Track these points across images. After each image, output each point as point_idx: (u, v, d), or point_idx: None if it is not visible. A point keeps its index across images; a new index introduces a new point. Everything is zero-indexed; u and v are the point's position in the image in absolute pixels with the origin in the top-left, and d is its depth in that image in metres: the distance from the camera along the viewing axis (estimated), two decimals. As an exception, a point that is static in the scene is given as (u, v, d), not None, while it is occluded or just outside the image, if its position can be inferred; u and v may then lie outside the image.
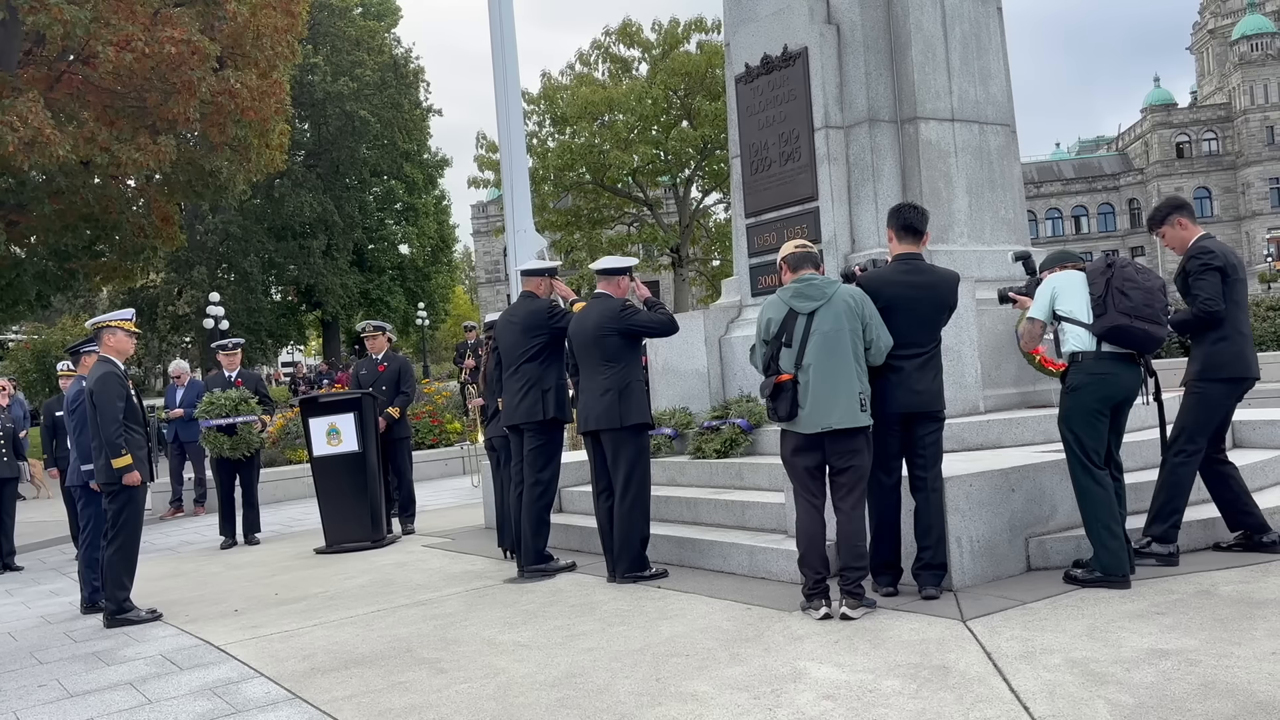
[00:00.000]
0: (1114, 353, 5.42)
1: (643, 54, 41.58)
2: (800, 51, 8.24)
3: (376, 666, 5.16)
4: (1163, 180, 73.91)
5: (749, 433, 7.80)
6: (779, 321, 5.36)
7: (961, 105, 8.32)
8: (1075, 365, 5.51)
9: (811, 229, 8.10)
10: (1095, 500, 5.38)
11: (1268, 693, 3.72)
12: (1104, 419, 5.47)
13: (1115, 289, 5.35)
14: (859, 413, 5.24)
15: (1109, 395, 5.46)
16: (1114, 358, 5.43)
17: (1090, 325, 5.43)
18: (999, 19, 8.74)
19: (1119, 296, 5.33)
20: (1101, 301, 5.38)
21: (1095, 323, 5.41)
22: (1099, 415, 5.45)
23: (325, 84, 39.76)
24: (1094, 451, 5.43)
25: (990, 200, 8.41)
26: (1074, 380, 5.50)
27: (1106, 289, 5.38)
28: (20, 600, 8.69)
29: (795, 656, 4.65)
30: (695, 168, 41.95)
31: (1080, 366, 5.47)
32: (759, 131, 8.68)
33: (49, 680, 5.65)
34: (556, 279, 7.60)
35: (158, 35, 19.53)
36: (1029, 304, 5.93)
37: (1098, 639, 4.52)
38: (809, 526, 5.34)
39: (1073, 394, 5.49)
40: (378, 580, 7.64)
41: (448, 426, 16.90)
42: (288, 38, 23.78)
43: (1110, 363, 5.43)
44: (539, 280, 7.37)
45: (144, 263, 28.61)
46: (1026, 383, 7.80)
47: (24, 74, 20.59)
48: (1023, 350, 7.01)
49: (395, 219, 48.01)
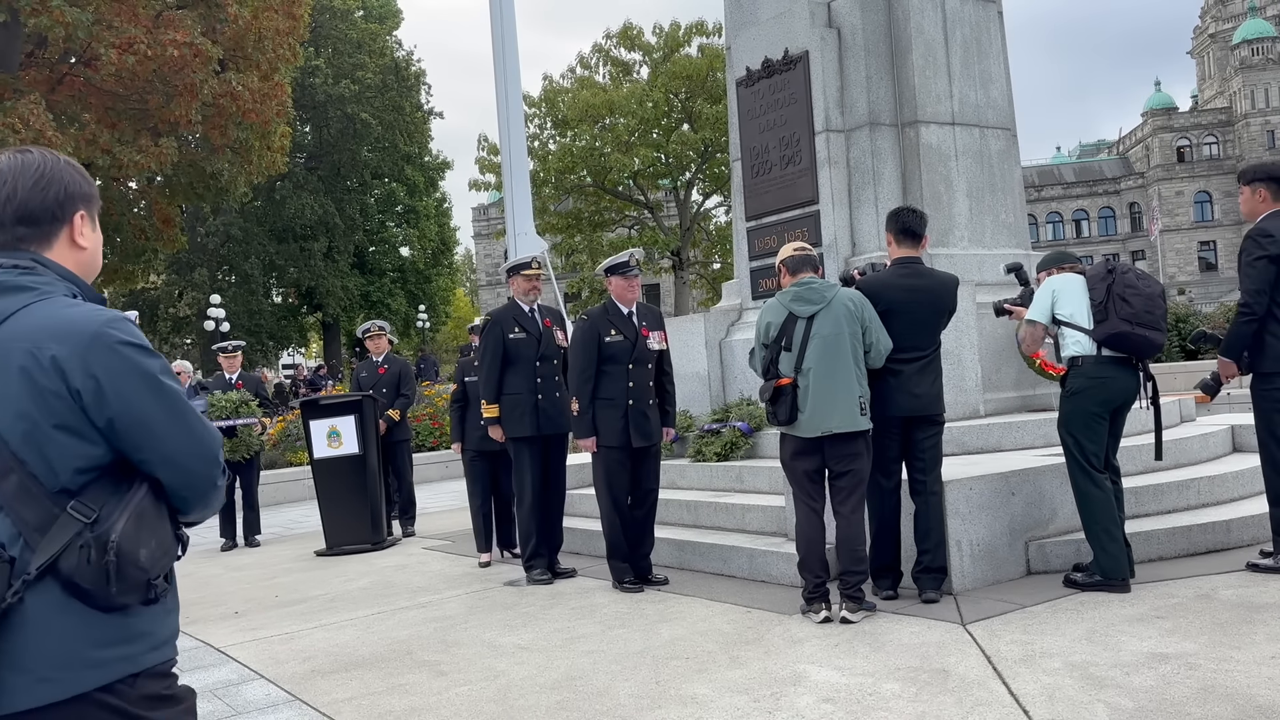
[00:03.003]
0: (1113, 357, 5.43)
1: (643, 57, 41.61)
2: (801, 55, 8.25)
3: (377, 669, 5.16)
4: (1163, 184, 73.91)
5: (749, 436, 7.80)
6: (779, 325, 5.36)
7: (962, 109, 8.33)
8: (1075, 369, 5.51)
9: (812, 232, 8.11)
10: (1095, 504, 5.38)
11: (1267, 697, 3.72)
12: (1103, 423, 5.47)
13: (1117, 295, 5.35)
14: (859, 416, 5.25)
15: (1108, 399, 5.46)
16: (1113, 362, 5.43)
17: (1091, 331, 5.43)
18: (999, 23, 8.76)
19: (1120, 303, 5.32)
20: (1103, 308, 5.38)
21: (1096, 328, 5.41)
22: (1098, 419, 5.45)
23: (326, 86, 39.82)
24: (1094, 455, 5.43)
25: (991, 204, 8.42)
26: (1074, 384, 5.51)
27: (1108, 295, 5.37)
28: None
29: (795, 660, 4.65)
30: (696, 171, 41.97)
31: (1080, 370, 5.48)
32: (760, 135, 8.69)
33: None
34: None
35: (159, 38, 19.56)
36: (1024, 314, 5.90)
37: (1097, 642, 4.52)
38: (809, 530, 5.34)
39: (1072, 398, 5.50)
40: (378, 582, 7.64)
41: (447, 429, 16.89)
42: (289, 40, 23.82)
43: (1110, 367, 5.43)
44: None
45: (145, 264, 28.66)
46: (1026, 386, 7.81)
47: (25, 76, 20.62)
48: (1024, 354, 7.01)
49: (396, 221, 48.06)
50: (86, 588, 1.76)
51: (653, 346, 6.56)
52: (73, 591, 1.77)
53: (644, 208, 44.50)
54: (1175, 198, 73.26)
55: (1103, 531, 5.35)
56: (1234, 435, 7.80)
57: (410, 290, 47.58)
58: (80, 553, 1.75)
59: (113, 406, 1.80)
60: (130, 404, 1.81)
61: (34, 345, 1.78)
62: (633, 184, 42.29)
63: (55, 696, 1.75)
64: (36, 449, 1.77)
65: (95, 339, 1.81)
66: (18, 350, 1.78)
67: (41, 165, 1.96)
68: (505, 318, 7.13)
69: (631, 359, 6.46)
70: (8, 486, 1.75)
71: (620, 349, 6.48)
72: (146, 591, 1.82)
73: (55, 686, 1.75)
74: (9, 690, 1.73)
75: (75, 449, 1.79)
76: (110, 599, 1.78)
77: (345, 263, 42.95)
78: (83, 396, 1.78)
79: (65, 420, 1.78)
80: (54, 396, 1.77)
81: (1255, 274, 5.50)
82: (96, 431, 1.81)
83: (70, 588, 1.77)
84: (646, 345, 6.51)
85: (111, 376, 1.80)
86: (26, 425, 1.77)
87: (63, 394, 1.78)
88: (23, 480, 1.76)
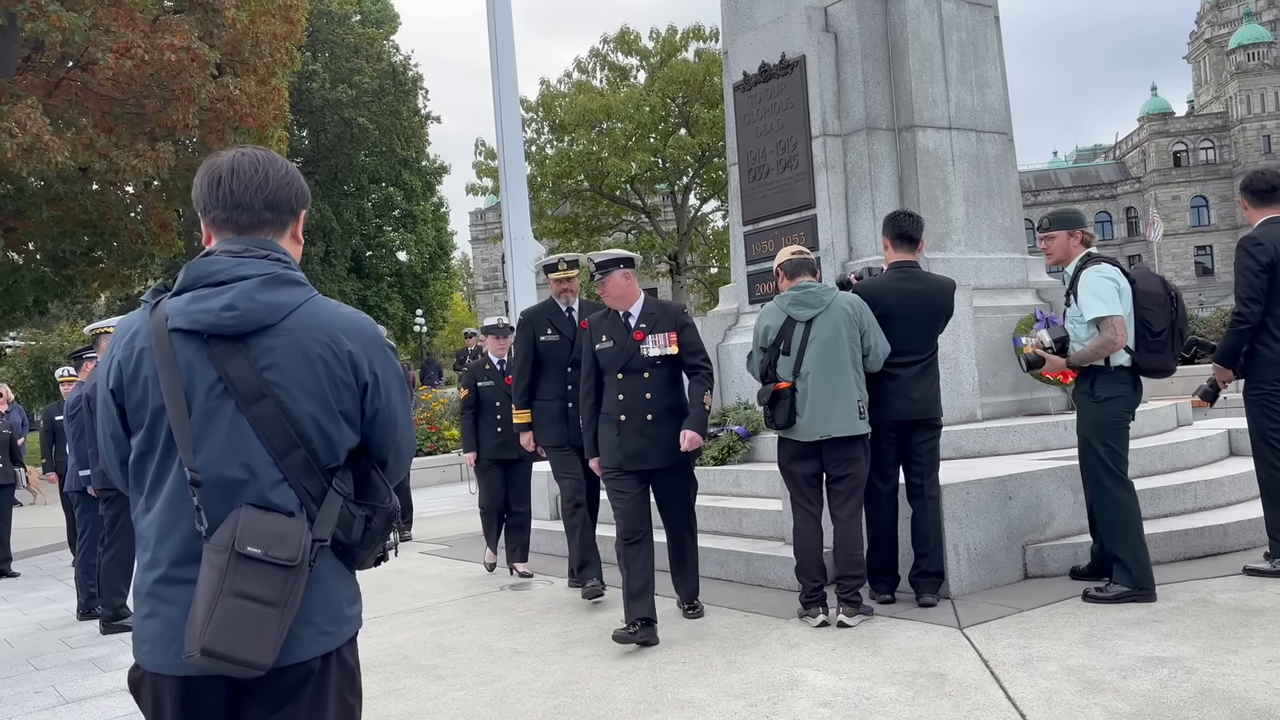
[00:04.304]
0: (1133, 366, 5.37)
1: (641, 62, 41.63)
2: (798, 60, 8.26)
3: (373, 673, 5.15)
4: (1160, 189, 74.02)
5: (746, 440, 7.80)
6: (777, 329, 5.36)
7: (959, 113, 8.34)
8: (1106, 375, 5.29)
9: (809, 236, 8.11)
10: (1127, 511, 5.22)
11: (1264, 701, 3.72)
12: (1129, 427, 5.40)
13: (1179, 333, 5.23)
14: (857, 421, 5.24)
15: (1136, 404, 5.43)
16: (1134, 370, 5.37)
17: (1135, 353, 5.25)
18: (996, 28, 8.77)
19: (1179, 342, 5.23)
20: (1163, 341, 5.23)
21: (1145, 356, 5.24)
22: (1127, 425, 5.37)
23: (324, 91, 39.79)
24: (1125, 461, 5.32)
25: (987, 208, 8.43)
26: (1107, 390, 5.29)
27: (1171, 329, 5.24)
28: (16, 607, 8.67)
29: (792, 664, 4.65)
30: (693, 175, 41.99)
31: (1113, 376, 5.28)
32: (757, 139, 8.70)
33: (45, 687, 5.64)
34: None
35: (157, 42, 19.52)
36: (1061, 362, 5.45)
37: (1094, 646, 4.52)
38: (806, 534, 5.34)
39: (1105, 404, 5.29)
40: (374, 587, 7.62)
41: (445, 434, 16.91)
42: (287, 44, 23.80)
43: (1134, 374, 5.37)
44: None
45: (142, 269, 28.60)
46: (1024, 390, 7.81)
47: (23, 80, 20.59)
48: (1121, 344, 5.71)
49: (393, 226, 47.99)
50: (359, 552, 2.04)
51: (649, 353, 5.50)
52: (342, 554, 2.03)
53: (641, 212, 44.51)
54: (1172, 202, 73.36)
55: (1134, 540, 5.20)
56: (1230, 439, 7.80)
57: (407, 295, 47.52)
58: (359, 522, 2.02)
59: (381, 399, 2.07)
60: (391, 399, 2.10)
61: (330, 339, 2.00)
62: (630, 188, 42.33)
63: (330, 647, 1.99)
64: (320, 429, 1.98)
65: (375, 339, 2.08)
66: (315, 341, 1.98)
67: (285, 163, 2.15)
68: (539, 318, 6.69)
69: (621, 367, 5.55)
70: (294, 460, 1.95)
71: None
72: (380, 555, 2.12)
73: (331, 639, 1.99)
74: (298, 640, 1.93)
75: (348, 433, 2.04)
76: (366, 562, 2.08)
77: (342, 267, 42.91)
78: (367, 389, 2.04)
79: (348, 407, 2.03)
80: (345, 386, 2.01)
81: (1248, 283, 5.52)
82: (360, 419, 2.06)
83: (343, 551, 2.02)
84: (639, 350, 5.50)
85: (384, 374, 2.08)
86: (316, 408, 1.97)
87: (352, 385, 2.02)
88: (306, 456, 1.96)
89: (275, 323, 1.96)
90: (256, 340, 1.95)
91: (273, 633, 1.84)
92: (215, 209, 2.06)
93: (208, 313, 1.94)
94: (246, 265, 1.99)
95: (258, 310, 1.94)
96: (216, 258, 2.01)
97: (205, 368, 1.94)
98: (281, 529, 1.89)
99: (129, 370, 2.01)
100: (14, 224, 23.07)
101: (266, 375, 1.94)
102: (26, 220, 22.78)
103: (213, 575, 1.84)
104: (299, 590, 1.89)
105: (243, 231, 2.06)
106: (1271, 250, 5.47)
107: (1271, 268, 5.47)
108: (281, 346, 1.95)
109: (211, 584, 1.84)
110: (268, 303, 1.96)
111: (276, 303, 1.97)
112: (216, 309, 1.93)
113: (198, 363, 1.94)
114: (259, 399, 1.93)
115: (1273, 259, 5.46)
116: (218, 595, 1.83)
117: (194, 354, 1.94)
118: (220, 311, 1.93)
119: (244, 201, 2.05)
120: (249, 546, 1.85)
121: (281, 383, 1.95)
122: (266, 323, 1.95)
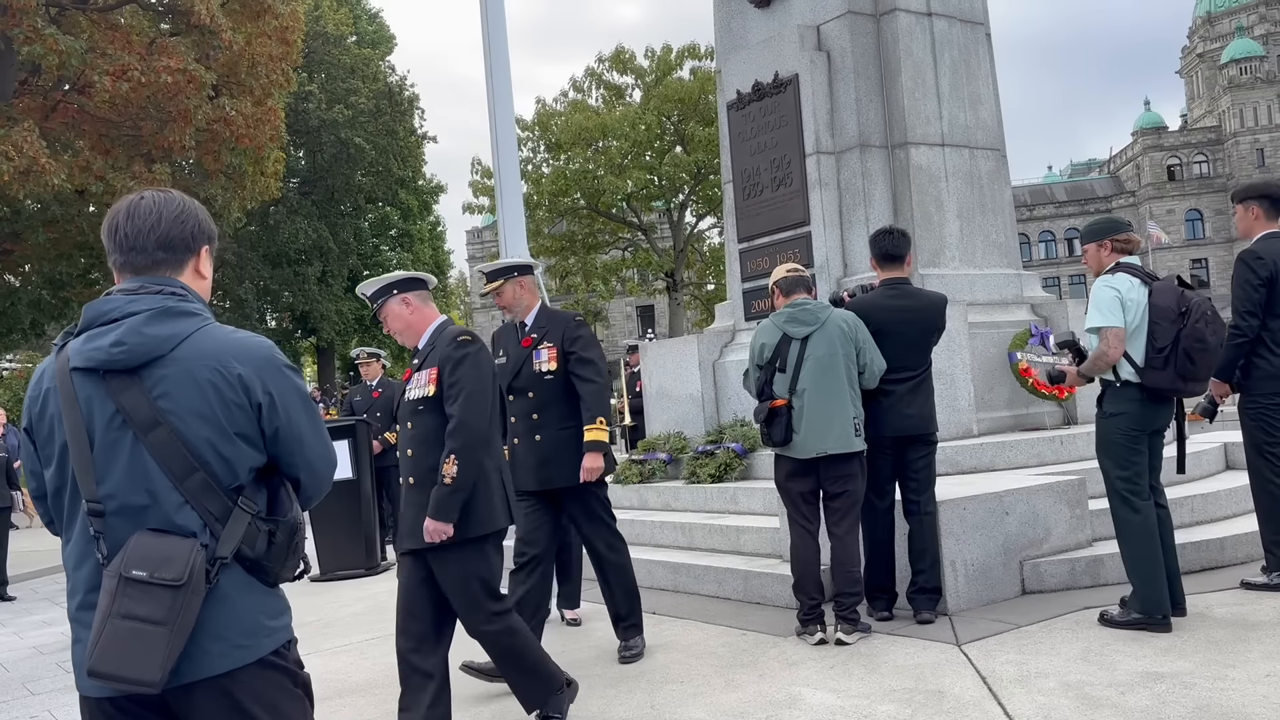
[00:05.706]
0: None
1: (636, 81, 41.75)
2: (791, 78, 8.30)
3: (371, 695, 5.13)
4: (1154, 203, 74.24)
5: (743, 457, 7.80)
6: (773, 346, 5.37)
7: (952, 130, 8.38)
8: (1114, 390, 5.07)
9: (804, 253, 8.14)
10: (1134, 531, 4.98)
11: (1262, 715, 3.72)
12: (1144, 445, 5.09)
13: (1184, 351, 4.83)
14: (853, 437, 5.25)
15: (1151, 419, 5.08)
16: (1144, 386, 5.04)
17: (1139, 369, 4.94)
18: (987, 45, 8.83)
19: (1184, 361, 4.84)
20: (1165, 357, 4.87)
21: (1147, 373, 4.92)
22: (1139, 441, 5.06)
23: (320, 111, 39.89)
24: (1135, 479, 5.03)
25: (981, 224, 8.46)
26: (1113, 405, 5.08)
27: (1174, 347, 4.85)
28: (12, 630, 8.64)
29: (790, 682, 4.64)
30: (689, 193, 42.06)
31: (1120, 392, 5.04)
32: (751, 157, 8.74)
33: (41, 711, 5.62)
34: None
35: (154, 65, 19.58)
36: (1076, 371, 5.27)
37: (1092, 662, 4.51)
38: (803, 551, 5.33)
39: (1110, 420, 5.07)
40: (372, 608, 7.60)
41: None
42: (283, 66, 23.87)
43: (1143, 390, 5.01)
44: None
45: (138, 291, 28.57)
46: (1019, 406, 7.83)
47: (19, 103, 20.64)
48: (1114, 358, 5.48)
49: (390, 245, 48.05)
50: (268, 566, 2.12)
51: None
52: (252, 570, 2.11)
53: (638, 230, 44.56)
54: (1166, 216, 73.53)
55: (1143, 563, 4.94)
56: (1226, 453, 7.81)
57: (405, 314, 47.50)
58: (263, 537, 2.11)
59: (280, 419, 2.15)
60: (292, 418, 2.17)
61: (220, 364, 2.09)
62: (626, 206, 42.39)
63: (246, 660, 2.08)
64: (216, 452, 2.07)
65: (268, 361, 2.16)
66: (204, 367, 2.08)
67: (181, 202, 2.25)
68: (496, 340, 5.54)
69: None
70: (193, 483, 2.04)
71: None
72: (298, 569, 2.23)
73: (246, 651, 2.08)
74: (210, 655, 2.03)
75: (248, 453, 2.12)
76: (281, 576, 2.17)
77: (339, 287, 42.92)
78: (261, 409, 2.12)
79: (244, 429, 2.10)
80: (237, 408, 2.09)
81: (1245, 296, 5.50)
82: (262, 439, 2.14)
83: (253, 567, 2.11)
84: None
85: (281, 394, 2.16)
86: (210, 431, 2.06)
87: (245, 406, 2.10)
88: (205, 479, 2.05)
89: (165, 353, 2.07)
90: (149, 371, 2.06)
91: (161, 651, 1.93)
92: (115, 253, 2.20)
93: (99, 350, 2.06)
94: (137, 301, 2.11)
95: (146, 343, 2.06)
96: (111, 297, 2.14)
97: (104, 401, 2.05)
98: (170, 551, 1.98)
99: (36, 410, 2.16)
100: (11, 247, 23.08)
101: (160, 404, 2.04)
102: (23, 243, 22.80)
103: (104, 600, 1.97)
104: (192, 608, 1.97)
105: (140, 272, 2.18)
106: (1271, 265, 5.47)
107: (1271, 282, 5.46)
108: (173, 375, 2.06)
109: (103, 608, 1.96)
110: (155, 335, 2.06)
111: (165, 334, 2.07)
112: (106, 346, 2.05)
113: (96, 397, 2.06)
114: (154, 427, 2.03)
115: (1272, 273, 5.46)
116: (107, 618, 1.94)
117: (93, 389, 2.06)
118: (110, 348, 2.05)
119: (138, 244, 2.17)
120: (134, 570, 1.95)
121: (175, 410, 2.05)
122: (156, 354, 2.06)
